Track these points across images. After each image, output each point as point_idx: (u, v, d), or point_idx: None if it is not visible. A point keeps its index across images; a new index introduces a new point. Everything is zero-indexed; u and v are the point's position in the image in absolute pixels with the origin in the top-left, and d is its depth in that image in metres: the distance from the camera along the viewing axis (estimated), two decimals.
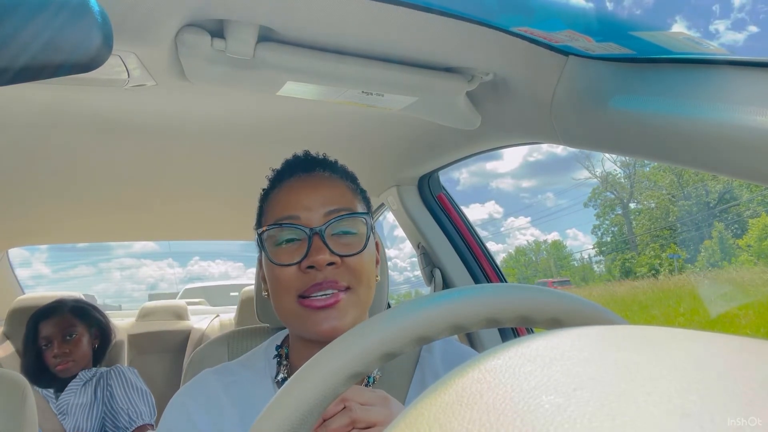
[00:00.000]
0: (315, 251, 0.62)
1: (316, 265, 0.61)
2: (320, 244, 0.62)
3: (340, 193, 0.67)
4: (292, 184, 0.68)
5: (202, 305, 3.69)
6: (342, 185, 0.69)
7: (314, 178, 0.69)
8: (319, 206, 0.65)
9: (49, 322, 1.61)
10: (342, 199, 0.67)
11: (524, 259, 25.55)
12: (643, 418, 0.15)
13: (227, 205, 1.70)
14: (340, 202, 0.66)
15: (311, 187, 0.67)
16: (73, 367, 1.60)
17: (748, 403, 0.15)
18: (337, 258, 0.62)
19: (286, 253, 0.64)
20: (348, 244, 0.64)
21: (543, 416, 0.16)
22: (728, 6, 38.27)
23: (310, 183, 0.68)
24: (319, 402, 0.33)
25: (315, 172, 0.70)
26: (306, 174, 0.69)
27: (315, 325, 0.62)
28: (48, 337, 1.60)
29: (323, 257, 0.61)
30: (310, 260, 0.62)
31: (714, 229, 15.90)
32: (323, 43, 0.68)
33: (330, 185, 0.68)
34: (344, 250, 0.63)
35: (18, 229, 1.86)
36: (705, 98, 0.57)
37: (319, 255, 0.61)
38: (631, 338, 0.20)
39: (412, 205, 1.39)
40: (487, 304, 0.36)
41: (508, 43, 0.70)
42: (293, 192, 0.67)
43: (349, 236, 0.65)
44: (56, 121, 0.99)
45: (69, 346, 1.60)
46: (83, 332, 1.66)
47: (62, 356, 1.58)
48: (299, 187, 0.67)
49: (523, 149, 48.20)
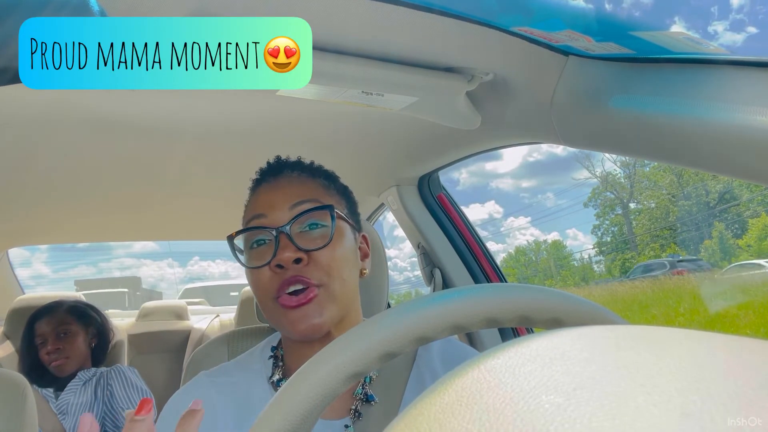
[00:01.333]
0: (281, 250, 0.62)
1: (282, 263, 0.61)
2: (286, 242, 0.62)
3: (306, 188, 0.68)
4: (261, 189, 0.69)
5: (202, 305, 3.69)
6: (310, 182, 0.69)
7: (281, 179, 0.69)
8: (283, 203, 0.65)
9: (45, 321, 1.61)
10: (307, 192, 0.67)
11: (524, 259, 25.56)
12: (643, 418, 0.15)
13: (227, 205, 1.70)
14: (304, 195, 0.66)
15: (278, 188, 0.67)
16: (67, 364, 1.59)
17: (748, 403, 0.15)
18: (303, 254, 0.62)
19: (257, 255, 0.65)
20: (315, 239, 0.64)
21: (543, 416, 0.16)
22: (727, 6, 38.35)
23: (277, 184, 0.68)
24: (319, 402, 0.33)
25: (283, 175, 0.70)
26: (273, 178, 0.70)
27: (293, 324, 0.62)
28: (43, 335, 1.60)
29: (288, 255, 0.61)
30: (276, 259, 0.62)
31: (714, 229, 15.91)
32: (323, 42, 0.68)
33: (297, 183, 0.68)
34: (311, 245, 0.63)
35: (18, 229, 1.86)
36: (705, 98, 0.57)
37: (284, 253, 0.61)
38: (631, 338, 0.20)
39: (412, 205, 1.39)
40: (487, 304, 0.36)
41: (508, 43, 0.70)
42: (260, 195, 0.68)
43: (317, 230, 0.65)
44: (56, 121, 0.98)
45: (62, 342, 1.60)
46: (78, 330, 1.65)
47: (55, 352, 1.57)
48: (267, 190, 0.68)
49: (523, 149, 48.20)
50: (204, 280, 47.30)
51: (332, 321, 0.63)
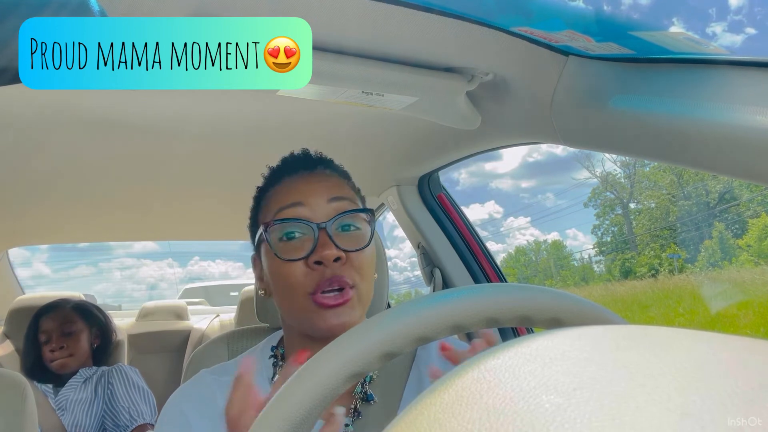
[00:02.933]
0: (321, 246, 0.61)
1: (323, 260, 0.61)
2: (326, 240, 0.62)
3: (342, 187, 0.68)
4: (294, 179, 0.68)
5: (202, 305, 3.69)
6: (344, 183, 0.70)
7: (317, 174, 0.69)
8: (322, 196, 0.65)
9: (50, 317, 1.61)
10: (344, 191, 0.67)
11: (524, 259, 25.56)
12: (643, 418, 0.15)
13: (227, 205, 1.70)
14: (342, 192, 0.66)
15: (315, 180, 0.67)
16: (70, 363, 1.59)
17: (749, 402, 0.15)
18: (343, 253, 0.62)
19: (292, 248, 0.63)
20: (352, 240, 0.64)
21: (543, 416, 0.16)
22: (726, 7, 38.33)
23: (313, 177, 0.68)
24: (319, 402, 0.33)
25: (317, 170, 0.69)
26: (308, 171, 0.69)
27: (325, 321, 0.62)
28: (47, 332, 1.60)
29: (330, 252, 0.61)
30: (317, 255, 0.61)
31: (714, 229, 15.89)
32: (323, 42, 0.68)
33: (334, 180, 0.69)
34: (349, 246, 0.63)
35: (18, 229, 1.86)
36: (705, 98, 0.57)
37: (326, 250, 0.61)
38: (631, 338, 0.20)
39: (412, 205, 1.39)
40: (487, 304, 0.36)
41: (508, 43, 0.70)
42: (297, 184, 0.67)
43: (353, 232, 0.65)
44: (56, 121, 0.99)
45: (67, 340, 1.60)
46: (83, 329, 1.66)
47: (59, 350, 1.58)
48: (303, 180, 0.67)
49: (523, 149, 48.18)
50: (204, 280, 47.28)
51: (358, 320, 0.63)
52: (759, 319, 6.88)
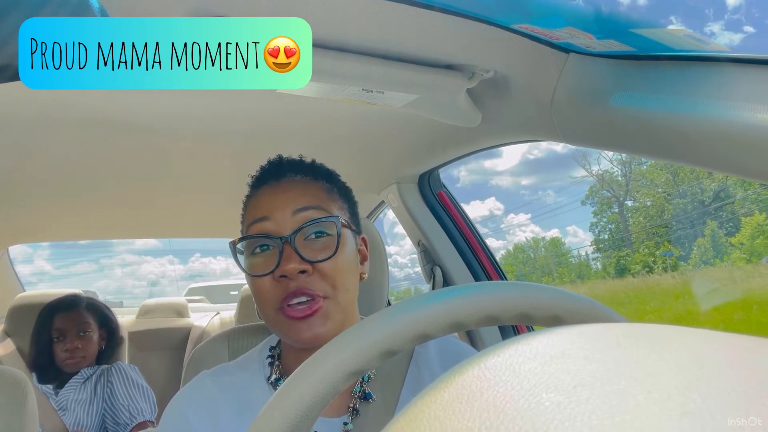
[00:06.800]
0: (285, 260, 0.61)
1: (287, 273, 0.61)
2: (291, 252, 0.62)
3: (310, 193, 0.67)
4: (263, 192, 0.68)
5: (202, 302, 3.70)
6: (313, 185, 0.69)
7: (283, 182, 0.68)
8: (286, 208, 0.64)
9: (65, 316, 1.61)
10: (311, 198, 0.66)
11: (522, 256, 25.52)
12: (644, 416, 0.15)
13: (227, 203, 1.70)
14: (308, 201, 0.65)
15: (281, 191, 0.67)
16: (81, 363, 1.60)
17: (749, 401, 0.15)
18: (308, 265, 0.62)
19: (260, 262, 0.64)
20: (320, 249, 0.63)
21: (543, 414, 0.16)
22: (725, 7, 38.26)
23: (279, 187, 0.67)
24: (319, 400, 0.33)
25: (285, 177, 0.69)
26: (276, 180, 0.69)
27: (296, 333, 0.62)
28: (62, 330, 1.60)
29: (293, 266, 0.61)
30: (281, 269, 0.61)
31: (707, 227, 15.86)
32: (323, 40, 0.68)
33: (300, 187, 0.67)
34: (316, 256, 0.63)
35: (18, 226, 1.87)
36: (706, 95, 0.57)
37: (289, 264, 0.61)
38: (631, 336, 0.20)
39: (412, 202, 1.38)
40: (487, 302, 0.36)
41: (509, 41, 0.70)
42: (263, 197, 0.67)
43: (321, 239, 0.64)
44: (57, 121, 0.99)
45: (81, 341, 1.60)
46: (95, 330, 1.66)
47: (73, 351, 1.58)
48: (269, 192, 0.67)
49: (523, 146, 48.13)
50: (205, 277, 47.29)
51: (335, 330, 0.62)
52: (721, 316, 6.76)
